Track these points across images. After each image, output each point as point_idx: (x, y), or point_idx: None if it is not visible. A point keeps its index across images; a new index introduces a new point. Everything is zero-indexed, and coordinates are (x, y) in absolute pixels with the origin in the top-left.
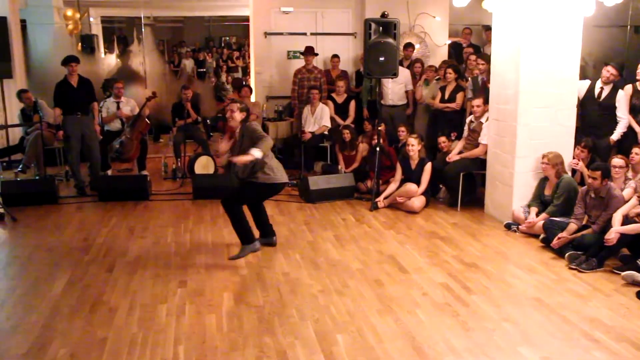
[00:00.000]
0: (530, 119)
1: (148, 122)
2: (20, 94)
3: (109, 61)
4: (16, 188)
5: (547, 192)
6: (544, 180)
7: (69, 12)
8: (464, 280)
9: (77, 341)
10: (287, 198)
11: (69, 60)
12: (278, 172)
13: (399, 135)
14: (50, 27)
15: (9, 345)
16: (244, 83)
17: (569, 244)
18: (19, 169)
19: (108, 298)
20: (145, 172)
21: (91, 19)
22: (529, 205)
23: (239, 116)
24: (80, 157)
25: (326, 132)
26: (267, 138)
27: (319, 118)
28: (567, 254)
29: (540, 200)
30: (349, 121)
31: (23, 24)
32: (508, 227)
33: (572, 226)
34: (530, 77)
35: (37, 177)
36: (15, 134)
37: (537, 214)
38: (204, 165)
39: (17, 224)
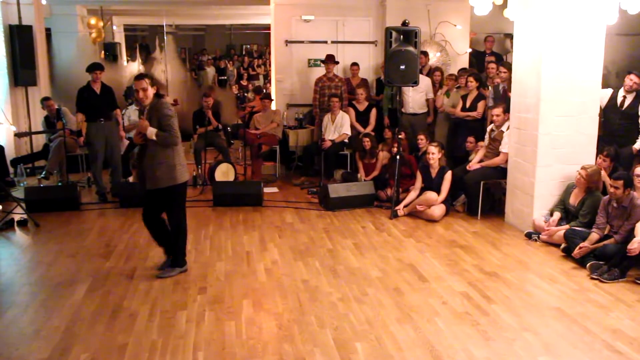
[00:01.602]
0: (552, 128)
1: None
2: (43, 101)
3: (132, 69)
4: (39, 194)
5: (572, 200)
6: (571, 187)
7: (93, 21)
8: (484, 290)
9: (97, 346)
10: (307, 205)
11: (94, 68)
12: (180, 172)
13: (418, 144)
14: (74, 36)
15: (31, 350)
16: (264, 91)
17: (591, 253)
18: (42, 175)
19: (128, 304)
20: None
21: (114, 27)
22: (551, 211)
23: (152, 91)
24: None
25: (346, 140)
26: (175, 135)
27: (339, 126)
28: (588, 264)
29: (563, 207)
30: (369, 129)
31: (48, 32)
32: (529, 236)
33: (594, 236)
34: (552, 86)
35: (59, 184)
36: (39, 141)
37: (559, 222)
38: (224, 173)
39: (40, 229)
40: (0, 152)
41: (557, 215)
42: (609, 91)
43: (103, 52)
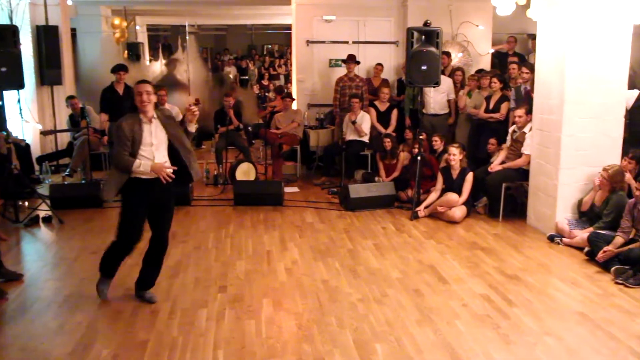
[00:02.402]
0: (576, 130)
1: None
2: (68, 100)
3: (154, 68)
4: (63, 191)
5: (597, 201)
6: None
7: (117, 21)
8: (505, 292)
9: (119, 343)
10: (328, 206)
11: (118, 69)
12: None
13: (433, 145)
14: (98, 36)
15: (55, 344)
16: (285, 91)
17: (615, 257)
18: (67, 173)
19: None
20: None
21: (137, 28)
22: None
23: (154, 99)
24: None
25: (367, 140)
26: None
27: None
28: (613, 268)
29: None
30: (390, 130)
31: (73, 32)
32: (551, 239)
33: (619, 239)
34: (576, 87)
35: (83, 181)
36: (64, 139)
37: (583, 225)
38: (245, 172)
39: (64, 226)
40: (26, 150)
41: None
42: (635, 92)
43: (126, 51)
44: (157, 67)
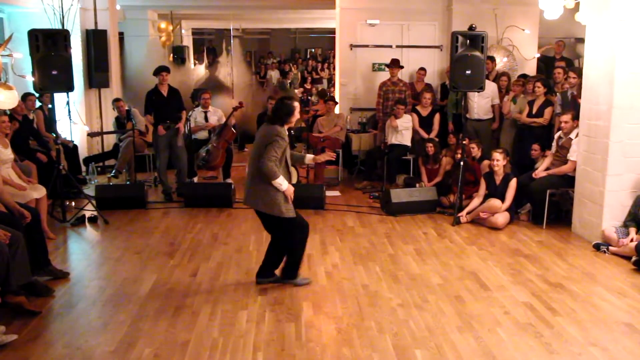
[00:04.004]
0: (624, 136)
1: (234, 131)
2: (114, 102)
3: (198, 71)
4: (109, 192)
5: None
6: None
7: (163, 25)
8: (549, 301)
9: (161, 342)
10: (369, 210)
11: (160, 70)
12: None
13: (470, 152)
14: (145, 39)
15: (99, 342)
16: (328, 95)
17: None
18: (112, 174)
19: (191, 302)
20: (229, 180)
21: (183, 31)
22: (626, 225)
23: None
24: (168, 164)
25: (409, 145)
26: None
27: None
28: None
29: (634, 219)
30: (433, 135)
31: (120, 36)
32: (597, 247)
33: None
34: (626, 92)
35: (128, 183)
36: (110, 141)
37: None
38: None
39: (109, 226)
40: (73, 151)
41: (633, 230)
42: None
43: (172, 55)
44: (201, 70)
